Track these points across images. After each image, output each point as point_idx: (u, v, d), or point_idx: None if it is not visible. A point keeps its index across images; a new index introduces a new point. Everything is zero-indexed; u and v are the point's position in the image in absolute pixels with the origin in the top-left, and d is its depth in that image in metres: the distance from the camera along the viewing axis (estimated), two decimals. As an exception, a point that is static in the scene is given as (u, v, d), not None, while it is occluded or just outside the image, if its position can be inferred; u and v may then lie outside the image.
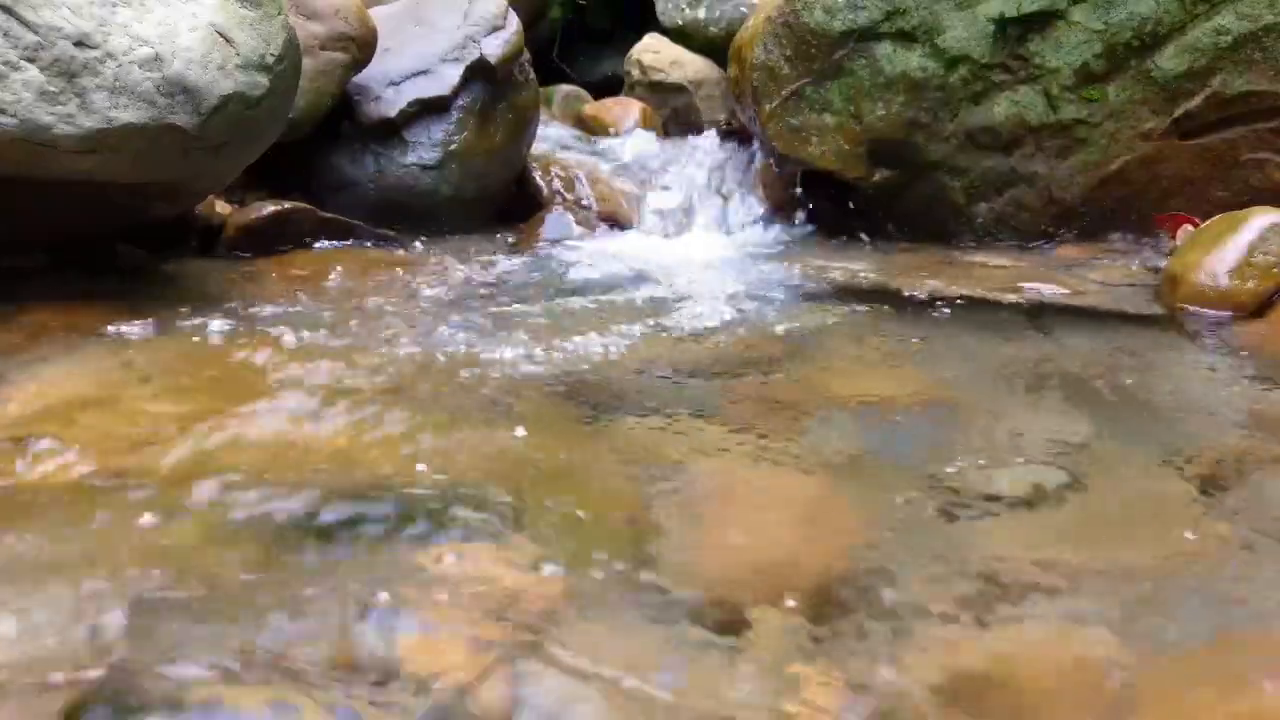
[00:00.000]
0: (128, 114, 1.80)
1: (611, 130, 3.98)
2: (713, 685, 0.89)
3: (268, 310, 2.02)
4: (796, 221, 3.25)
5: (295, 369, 1.63)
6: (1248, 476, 1.31)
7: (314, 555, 1.06)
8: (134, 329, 1.81)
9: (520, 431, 1.41)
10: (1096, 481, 1.29)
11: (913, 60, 2.90)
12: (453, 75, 3.03)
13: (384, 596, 0.97)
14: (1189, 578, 1.06)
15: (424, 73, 3.04)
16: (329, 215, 2.67)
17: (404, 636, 0.92)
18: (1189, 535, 1.16)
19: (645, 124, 4.02)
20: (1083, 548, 1.12)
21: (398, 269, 2.51)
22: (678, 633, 0.95)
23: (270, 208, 2.58)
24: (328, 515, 1.14)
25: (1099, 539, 1.14)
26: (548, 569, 1.05)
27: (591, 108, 4.22)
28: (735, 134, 3.69)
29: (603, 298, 2.28)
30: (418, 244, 2.86)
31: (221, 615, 0.94)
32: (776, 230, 3.22)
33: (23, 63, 1.72)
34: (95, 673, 0.85)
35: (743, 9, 4.17)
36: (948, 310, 2.20)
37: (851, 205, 3.25)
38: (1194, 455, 1.36)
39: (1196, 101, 2.75)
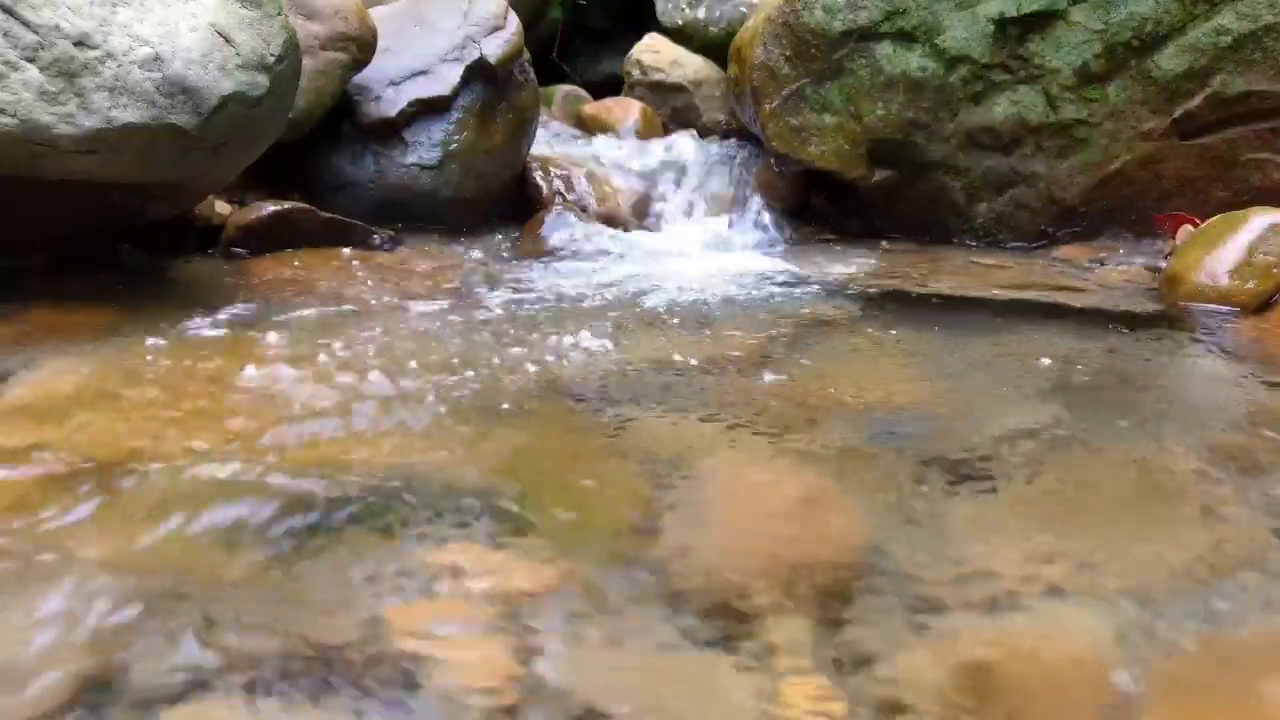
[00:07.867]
0: (128, 114, 1.80)
1: (611, 130, 3.98)
2: (714, 684, 0.89)
3: (267, 310, 2.02)
4: (796, 221, 3.25)
5: (294, 369, 1.63)
6: (1247, 471, 1.31)
7: (314, 554, 1.06)
8: (133, 329, 1.81)
9: (524, 429, 1.41)
10: (1097, 477, 1.29)
11: (913, 60, 2.90)
12: (453, 75, 3.03)
13: (388, 595, 0.97)
14: (1191, 573, 1.07)
15: (424, 73, 3.04)
16: (329, 215, 2.67)
17: (405, 637, 0.92)
18: (1189, 529, 1.16)
19: (645, 124, 4.01)
20: (1084, 543, 1.12)
21: (398, 269, 2.51)
22: (680, 627, 0.96)
23: (270, 208, 2.58)
24: (327, 514, 1.14)
25: (1100, 534, 1.15)
26: (552, 568, 1.05)
27: (591, 108, 4.21)
28: (735, 134, 3.70)
29: (602, 296, 2.28)
30: (418, 244, 2.86)
31: (225, 615, 0.94)
32: (776, 230, 3.22)
33: (23, 63, 1.72)
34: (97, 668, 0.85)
35: (743, 9, 4.17)
36: (948, 309, 2.20)
37: (851, 205, 3.26)
38: (1194, 451, 1.37)
39: (1196, 101, 2.75)
